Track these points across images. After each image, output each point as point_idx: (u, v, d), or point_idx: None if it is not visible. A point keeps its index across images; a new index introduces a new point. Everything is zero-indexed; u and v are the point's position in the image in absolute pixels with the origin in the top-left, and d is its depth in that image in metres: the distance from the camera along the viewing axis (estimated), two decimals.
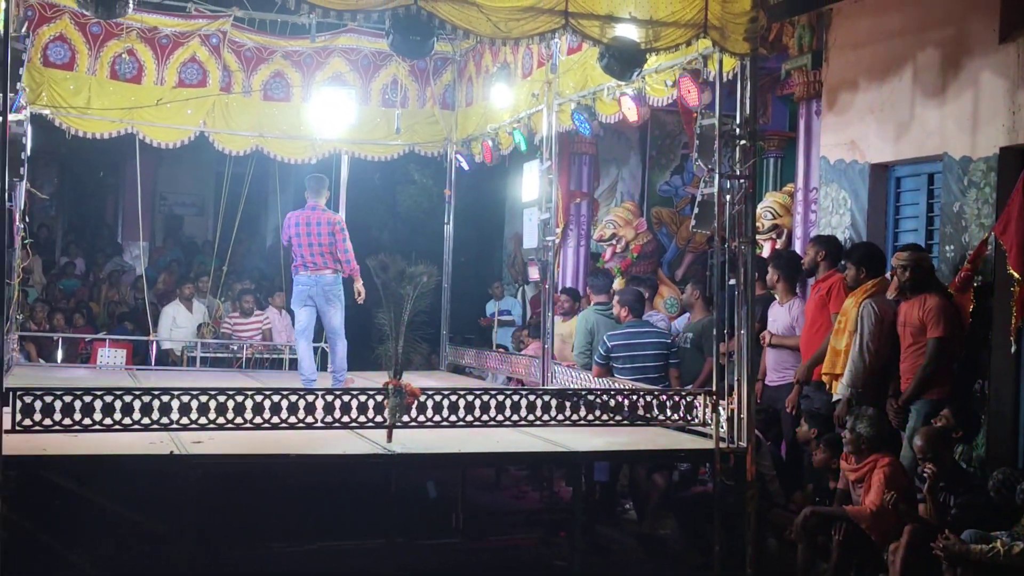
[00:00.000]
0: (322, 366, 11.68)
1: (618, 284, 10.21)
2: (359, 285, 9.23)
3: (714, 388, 6.74)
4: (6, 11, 6.11)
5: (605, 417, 6.81)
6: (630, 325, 8.28)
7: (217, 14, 10.32)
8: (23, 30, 8.60)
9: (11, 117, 5.88)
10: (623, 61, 6.64)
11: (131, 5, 6.34)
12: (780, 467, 7.40)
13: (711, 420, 6.69)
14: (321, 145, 11.12)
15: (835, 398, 7.07)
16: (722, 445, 6.54)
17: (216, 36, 10.43)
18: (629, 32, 6.71)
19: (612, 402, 6.82)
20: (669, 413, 6.86)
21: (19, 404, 5.63)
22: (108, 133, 10.30)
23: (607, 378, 8.11)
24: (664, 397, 6.92)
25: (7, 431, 5.50)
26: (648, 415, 6.84)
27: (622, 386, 7.62)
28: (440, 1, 6.26)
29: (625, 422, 6.84)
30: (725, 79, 6.89)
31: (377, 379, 8.92)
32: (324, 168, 11.78)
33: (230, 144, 10.92)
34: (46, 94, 9.84)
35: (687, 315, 9.22)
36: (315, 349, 9.88)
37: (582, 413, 6.76)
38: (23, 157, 7.04)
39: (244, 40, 10.63)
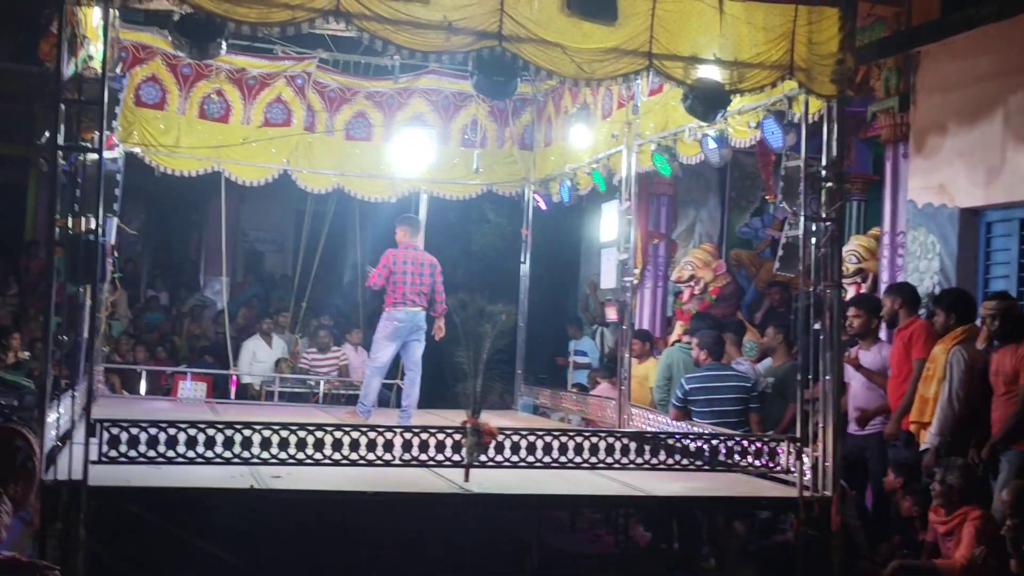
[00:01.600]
0: (392, 402, 11.79)
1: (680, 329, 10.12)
2: (441, 323, 9.33)
3: (798, 434, 6.59)
4: (103, 52, 6.33)
5: (685, 461, 6.68)
6: (709, 368, 8.16)
7: (303, 56, 10.55)
8: (117, 70, 8.87)
9: (106, 155, 6.04)
10: (707, 102, 6.62)
11: (224, 47, 6.52)
12: (865, 517, 7.19)
13: (795, 467, 6.53)
14: (401, 184, 11.25)
15: (923, 447, 6.86)
16: (806, 493, 6.38)
17: (301, 77, 10.65)
18: (712, 73, 6.68)
19: (692, 446, 6.70)
20: (751, 459, 6.72)
21: (105, 435, 5.73)
22: (195, 171, 10.57)
23: (685, 421, 7.98)
24: (746, 442, 6.78)
25: (93, 462, 5.60)
26: (729, 460, 6.71)
27: (702, 430, 7.49)
28: (524, 42, 6.31)
29: (705, 467, 6.71)
30: (810, 121, 6.80)
31: (450, 417, 8.95)
32: (403, 207, 11.92)
33: (312, 182, 11.11)
34: (137, 133, 10.13)
35: (768, 359, 9.05)
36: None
37: (661, 457, 6.66)
38: (116, 193, 7.24)
39: (328, 81, 10.84)
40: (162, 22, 9.44)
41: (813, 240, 6.56)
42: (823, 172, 6.58)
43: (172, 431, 5.84)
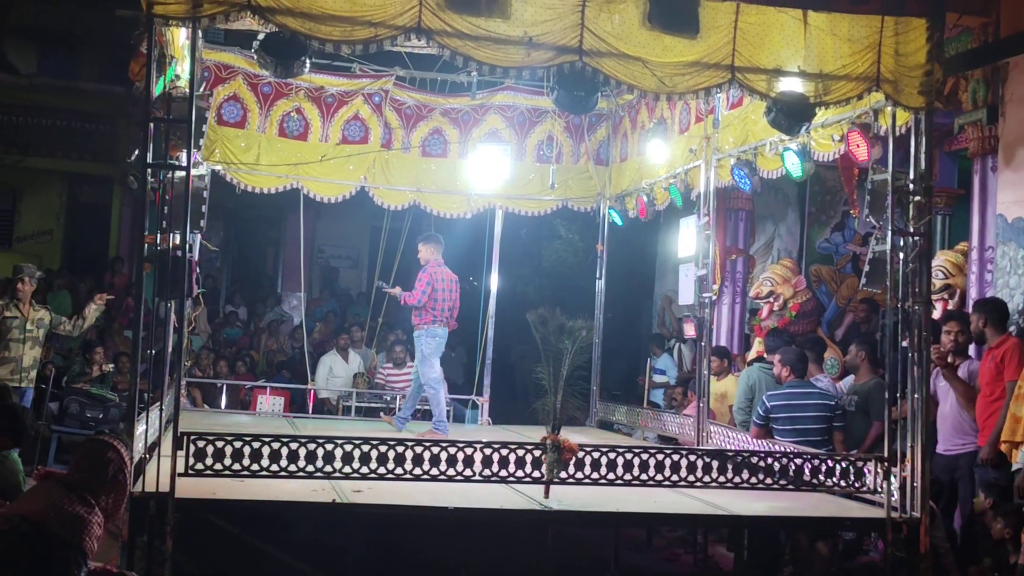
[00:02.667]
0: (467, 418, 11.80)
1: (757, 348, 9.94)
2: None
3: (885, 454, 6.43)
4: (191, 71, 6.46)
5: (768, 480, 6.56)
6: (791, 385, 8.01)
7: (380, 73, 10.67)
8: (202, 89, 9.05)
9: (193, 172, 6.15)
10: (791, 115, 6.53)
11: (307, 65, 6.62)
12: (954, 540, 6.99)
13: (882, 488, 6.38)
14: (476, 200, 11.29)
15: (1015, 467, 6.65)
16: (894, 514, 6.23)
17: (379, 95, 10.77)
18: (796, 86, 6.59)
19: (776, 465, 6.58)
20: (836, 478, 6.57)
21: (191, 448, 5.81)
22: (275, 188, 10.74)
23: (767, 440, 7.85)
24: (831, 461, 6.63)
25: (179, 474, 5.68)
26: (813, 480, 6.58)
27: (784, 448, 7.36)
28: (605, 57, 6.30)
29: (789, 486, 6.59)
30: (897, 133, 6.66)
31: (527, 433, 8.93)
32: (477, 223, 11.98)
33: (388, 199, 11.20)
34: (219, 151, 10.32)
35: (850, 377, 8.86)
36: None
37: (743, 475, 6.55)
38: (203, 210, 7.37)
39: (405, 98, 10.94)
40: (243, 42, 9.65)
41: (900, 255, 6.42)
42: (911, 185, 6.46)
43: (256, 444, 5.90)
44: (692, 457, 6.48)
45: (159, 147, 6.31)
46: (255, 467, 5.87)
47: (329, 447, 6.00)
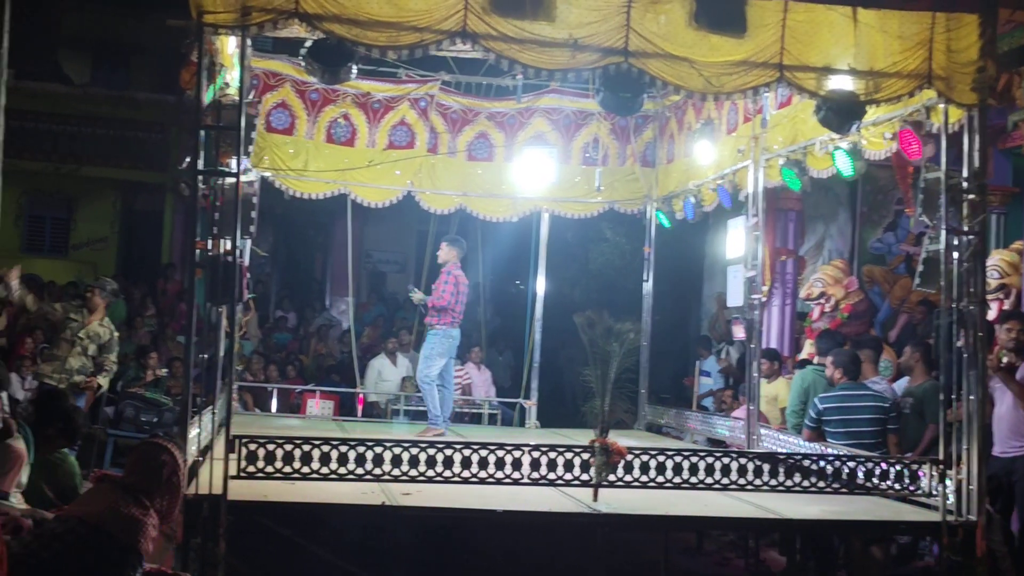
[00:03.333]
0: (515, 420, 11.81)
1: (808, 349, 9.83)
2: None
3: (940, 456, 6.33)
4: (240, 79, 6.54)
5: (820, 484, 6.48)
6: (844, 388, 7.90)
7: (426, 78, 10.70)
8: (251, 96, 9.15)
9: (243, 178, 6.22)
10: (841, 114, 6.46)
11: (354, 71, 6.68)
12: (1011, 543, 6.85)
13: (937, 491, 6.28)
14: (522, 203, 11.29)
15: None
16: (950, 518, 6.13)
17: (424, 100, 10.81)
18: (846, 84, 6.51)
19: (828, 468, 6.50)
20: (890, 482, 6.47)
21: (243, 451, 5.87)
22: (323, 194, 10.83)
23: (819, 443, 7.75)
24: (884, 465, 6.53)
25: (231, 477, 5.74)
26: (867, 483, 6.49)
27: (837, 451, 7.26)
28: (651, 58, 6.27)
29: (842, 490, 6.50)
30: (950, 131, 6.56)
31: (574, 436, 8.89)
32: (523, 226, 11.98)
33: (435, 203, 11.24)
34: (268, 157, 10.42)
35: (904, 379, 8.73)
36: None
37: (796, 479, 6.47)
38: (252, 216, 7.45)
39: (451, 103, 10.97)
40: (291, 49, 9.73)
41: (955, 255, 6.31)
42: (964, 184, 6.35)
43: (306, 448, 5.95)
44: (743, 460, 6.43)
45: (210, 154, 6.39)
46: (305, 470, 5.92)
47: (378, 450, 6.04)
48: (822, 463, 6.56)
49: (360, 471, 5.99)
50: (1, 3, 4.77)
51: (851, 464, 6.53)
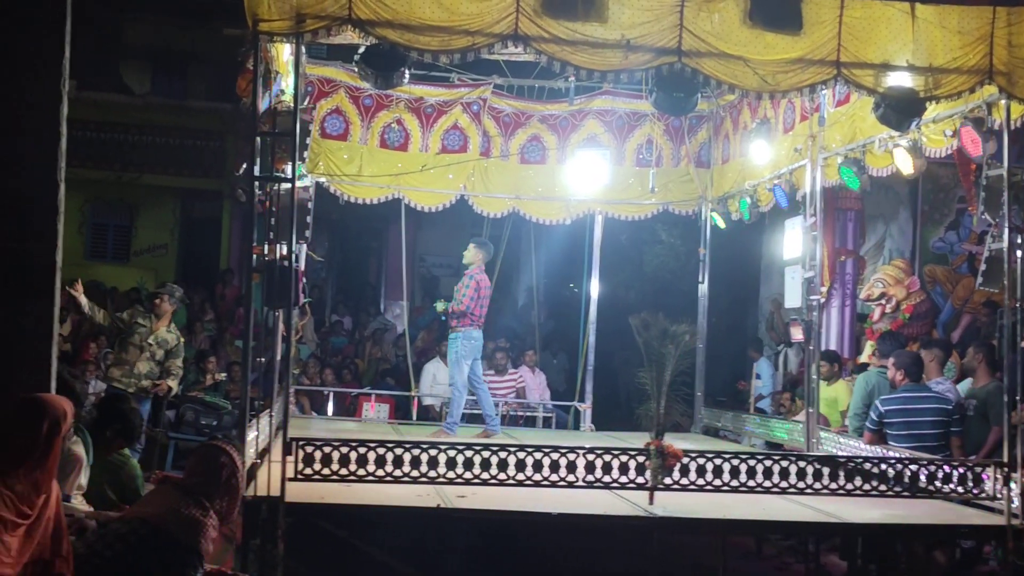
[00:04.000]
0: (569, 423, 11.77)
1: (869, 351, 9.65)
2: None
3: (1005, 459, 6.19)
4: (295, 86, 6.61)
5: (882, 487, 6.38)
6: (906, 389, 7.76)
7: (478, 82, 10.73)
8: (306, 103, 9.25)
9: (298, 184, 6.29)
10: (900, 111, 6.36)
11: (407, 75, 6.72)
12: None
13: (1002, 494, 6.15)
14: (575, 206, 11.26)
15: None
16: (1015, 522, 6.01)
17: (477, 103, 10.83)
18: (905, 80, 6.42)
19: (890, 471, 6.39)
20: (953, 485, 6.35)
21: (300, 454, 5.93)
22: (377, 198, 10.90)
23: (880, 446, 7.62)
24: (947, 467, 6.41)
25: (289, 479, 5.79)
26: (929, 486, 6.37)
27: (898, 454, 7.14)
28: (704, 57, 6.23)
29: (904, 493, 6.39)
30: (1012, 127, 6.43)
31: (629, 439, 8.86)
32: (576, 228, 11.95)
33: (488, 207, 11.26)
34: (323, 163, 10.53)
35: (967, 380, 8.55)
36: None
37: (857, 482, 6.37)
38: (308, 221, 7.52)
39: (503, 106, 10.99)
40: (345, 56, 9.83)
41: (1019, 253, 6.19)
42: None
43: (362, 450, 5.99)
44: (802, 463, 6.35)
45: (266, 161, 6.47)
46: (361, 472, 5.96)
47: (433, 452, 6.06)
48: (883, 466, 6.46)
49: (415, 473, 6.02)
50: (63, 16, 4.87)
51: (913, 467, 6.42)
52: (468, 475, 6.07)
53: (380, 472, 5.99)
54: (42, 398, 4.29)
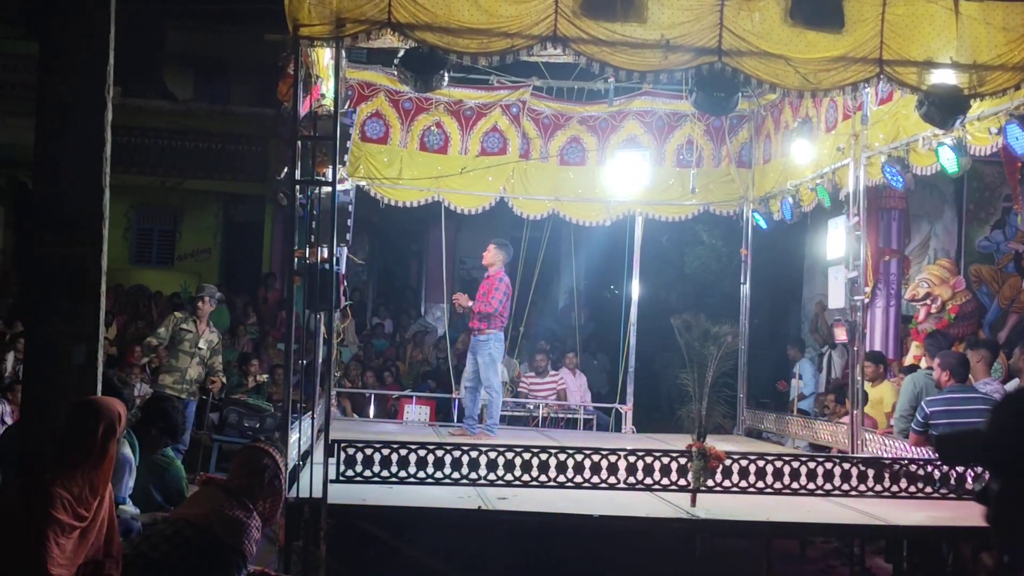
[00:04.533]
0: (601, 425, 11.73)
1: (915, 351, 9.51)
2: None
3: None
4: (335, 90, 6.66)
5: (928, 489, 6.29)
6: (952, 390, 7.64)
7: (517, 84, 10.73)
8: (346, 107, 9.30)
9: (338, 187, 6.33)
10: (944, 108, 6.28)
11: (446, 78, 6.74)
12: None
13: None
14: (615, 207, 11.22)
15: None
16: None
17: (516, 106, 10.84)
18: (949, 78, 6.33)
19: (936, 473, 6.30)
20: None
21: (342, 456, 5.97)
22: (417, 201, 10.94)
23: (926, 447, 7.52)
24: None
25: (331, 480, 5.83)
26: (976, 488, 6.26)
27: None
28: (745, 56, 6.19)
29: (950, 495, 6.30)
30: None
31: (670, 441, 8.81)
32: (616, 230, 11.90)
33: (528, 208, 11.25)
34: (363, 167, 10.58)
35: (1014, 380, 8.41)
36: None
37: (902, 484, 6.30)
38: (348, 224, 7.57)
39: (542, 108, 10.98)
40: (384, 60, 9.88)
41: None
42: None
43: (403, 452, 6.01)
44: (846, 465, 6.29)
45: (306, 165, 6.52)
46: (403, 474, 5.99)
47: (474, 454, 6.08)
48: (929, 467, 6.37)
49: (456, 475, 6.04)
50: (106, 24, 4.93)
51: (959, 468, 6.32)
52: (509, 477, 6.08)
53: (421, 474, 6.02)
54: (96, 401, 4.34)
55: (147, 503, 5.88)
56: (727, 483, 6.14)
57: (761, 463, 6.15)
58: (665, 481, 6.12)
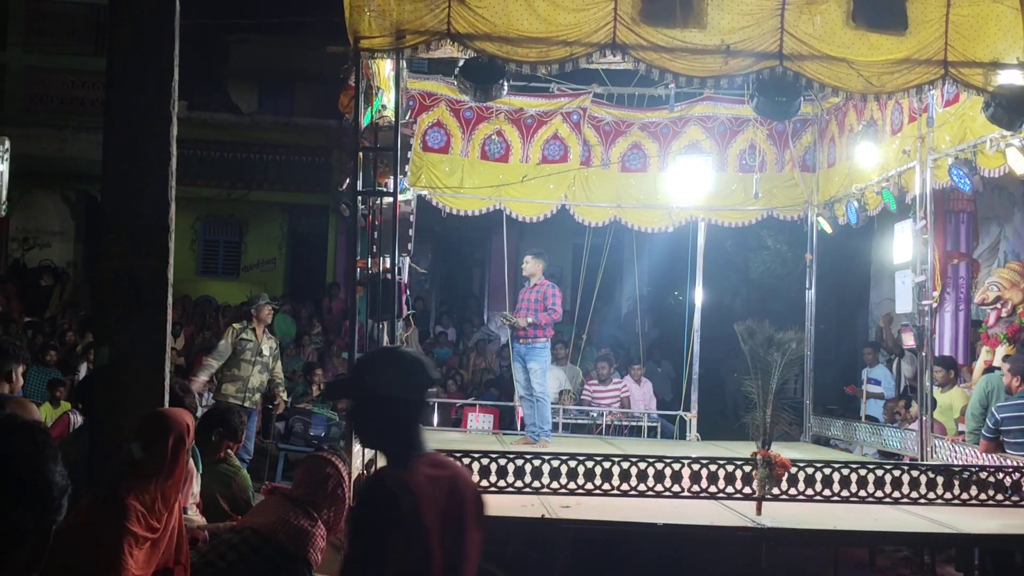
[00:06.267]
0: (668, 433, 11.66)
1: (1005, 350, 9.27)
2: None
3: None
4: (396, 101, 6.73)
5: (1000, 497, 6.15)
6: (1023, 396, 7.47)
7: (578, 92, 10.73)
8: (407, 117, 9.39)
9: (400, 197, 6.39)
10: (1012, 110, 6.15)
11: (505, 87, 6.77)
12: None
13: None
14: (678, 213, 11.16)
15: None
16: None
17: (577, 113, 10.84)
18: (1016, 78, 6.20)
19: (1007, 480, 6.15)
20: None
21: None
22: (478, 210, 10.99)
23: (997, 454, 7.35)
24: None
25: None
26: None
27: (1015, 462, 6.87)
28: (807, 60, 6.13)
29: (1022, 503, 6.15)
30: None
31: (735, 448, 8.71)
32: (679, 236, 11.83)
33: (589, 216, 11.24)
34: (424, 176, 10.66)
35: None
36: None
37: (971, 491, 6.16)
38: (410, 234, 7.64)
39: (603, 115, 10.97)
40: (445, 70, 9.96)
41: None
42: None
43: (466, 460, 6.03)
44: (915, 472, 6.17)
45: (368, 175, 6.60)
46: None
47: (537, 463, 6.08)
48: (1000, 475, 6.22)
49: (519, 484, 6.04)
50: (171, 39, 5.04)
51: None
52: (572, 485, 6.07)
53: (484, 482, 6.03)
54: (166, 413, 4.38)
55: (214, 512, 5.97)
56: (793, 491, 6.06)
57: (828, 471, 6.06)
58: (730, 489, 6.07)
